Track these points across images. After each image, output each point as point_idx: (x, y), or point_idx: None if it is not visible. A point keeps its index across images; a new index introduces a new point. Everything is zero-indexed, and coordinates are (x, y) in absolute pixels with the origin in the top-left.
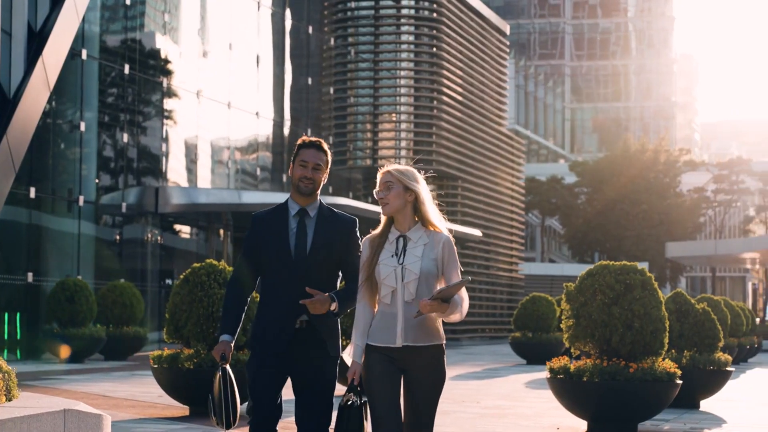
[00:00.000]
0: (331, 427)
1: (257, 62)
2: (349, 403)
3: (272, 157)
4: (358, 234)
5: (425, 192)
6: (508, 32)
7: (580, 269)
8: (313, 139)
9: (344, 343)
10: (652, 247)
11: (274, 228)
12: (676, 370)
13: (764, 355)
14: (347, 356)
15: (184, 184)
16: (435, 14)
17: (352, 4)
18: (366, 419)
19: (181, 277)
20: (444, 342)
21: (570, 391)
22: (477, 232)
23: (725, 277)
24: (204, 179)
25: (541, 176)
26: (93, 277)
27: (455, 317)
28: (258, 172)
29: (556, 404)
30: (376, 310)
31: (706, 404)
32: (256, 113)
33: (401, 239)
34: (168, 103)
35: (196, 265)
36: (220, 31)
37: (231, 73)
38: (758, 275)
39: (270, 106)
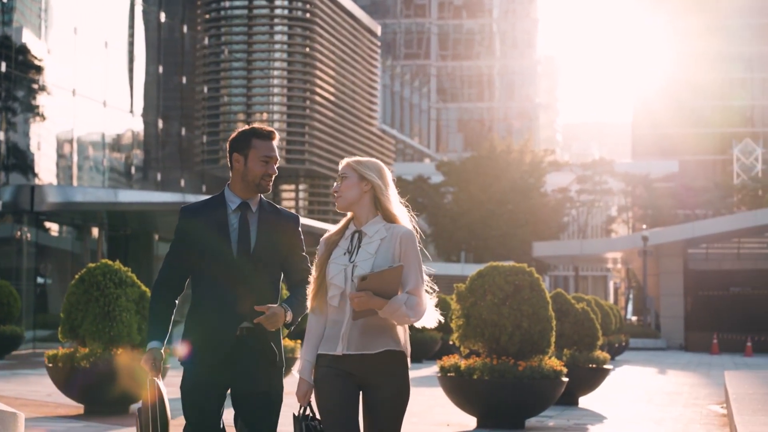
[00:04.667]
0: None
1: (132, 60)
2: (308, 416)
3: (146, 155)
4: (301, 232)
5: (386, 184)
6: (379, 33)
7: (447, 268)
8: (266, 127)
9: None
10: (518, 246)
11: (212, 223)
12: (562, 368)
13: (631, 353)
14: (296, 372)
15: (60, 182)
16: (308, 14)
17: (226, 4)
18: None
19: (77, 276)
20: (403, 350)
21: (460, 388)
22: None
23: (587, 276)
24: (79, 178)
25: (407, 175)
26: None
27: (404, 318)
28: (133, 171)
29: (442, 401)
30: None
31: (584, 401)
32: (131, 111)
33: (356, 235)
34: (43, 101)
35: (91, 265)
36: (95, 30)
37: (106, 72)
38: (620, 274)
39: (144, 104)
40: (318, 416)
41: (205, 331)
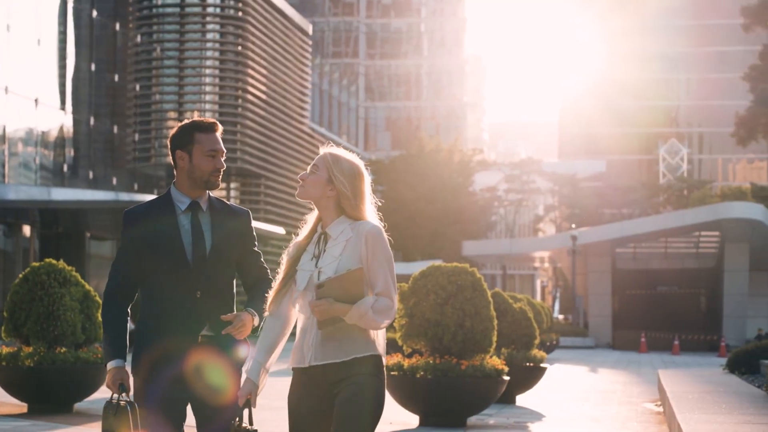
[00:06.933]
0: None
1: (64, 58)
2: (243, 426)
3: (77, 153)
4: (253, 228)
5: (357, 194)
6: (311, 32)
7: None
8: (208, 119)
9: None
10: (447, 245)
11: (162, 227)
12: (504, 366)
13: (560, 352)
14: (245, 372)
15: None
16: (240, 13)
17: (158, 1)
18: None
19: (21, 276)
20: (378, 354)
21: (403, 387)
22: (280, 230)
23: (515, 275)
24: (9, 176)
25: None
26: None
27: (372, 323)
28: (65, 168)
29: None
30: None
31: (521, 399)
32: (63, 109)
33: (322, 237)
34: None
35: (35, 264)
36: (27, 27)
37: (38, 69)
38: (547, 273)
39: (76, 101)
40: (251, 426)
41: (162, 341)
